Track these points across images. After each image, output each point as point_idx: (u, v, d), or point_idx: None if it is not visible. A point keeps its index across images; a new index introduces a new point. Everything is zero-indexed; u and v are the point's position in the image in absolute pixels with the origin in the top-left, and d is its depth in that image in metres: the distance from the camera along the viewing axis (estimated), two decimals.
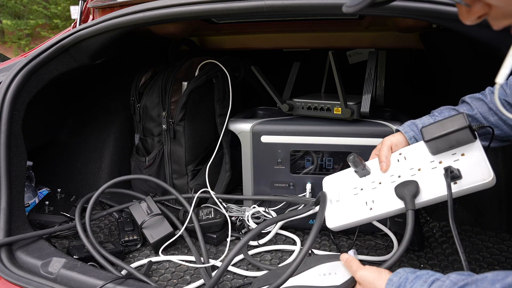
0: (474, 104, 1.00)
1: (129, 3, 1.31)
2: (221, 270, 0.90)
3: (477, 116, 0.99)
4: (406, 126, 1.06)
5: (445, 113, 1.03)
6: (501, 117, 0.96)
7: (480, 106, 0.99)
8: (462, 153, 0.92)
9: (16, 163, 1.15)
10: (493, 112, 0.97)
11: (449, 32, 1.13)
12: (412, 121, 1.07)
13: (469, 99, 1.02)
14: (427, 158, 0.97)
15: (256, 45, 1.87)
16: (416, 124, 1.05)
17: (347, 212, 1.00)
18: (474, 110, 1.00)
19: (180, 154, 1.51)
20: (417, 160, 0.98)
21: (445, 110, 1.04)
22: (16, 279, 0.95)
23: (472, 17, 0.64)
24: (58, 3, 13.31)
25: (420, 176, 0.94)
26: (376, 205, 0.97)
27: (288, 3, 1.01)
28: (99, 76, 1.64)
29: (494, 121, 0.97)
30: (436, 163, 0.95)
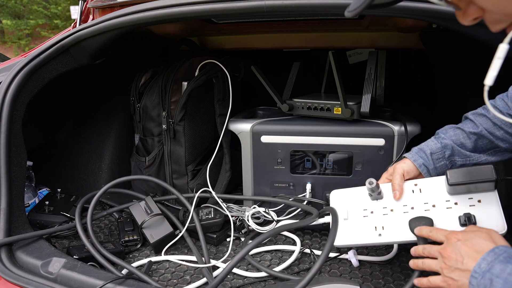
0: (478, 120, 1.01)
1: (129, 3, 1.31)
2: (226, 271, 0.91)
3: (483, 132, 1.00)
4: (415, 153, 1.06)
5: (450, 133, 1.04)
6: (507, 131, 0.97)
7: (484, 122, 1.00)
8: (478, 200, 0.94)
9: (16, 163, 1.15)
10: (498, 127, 0.98)
11: (449, 32, 1.13)
12: (419, 147, 1.07)
13: (472, 115, 1.03)
14: (443, 197, 0.98)
15: (256, 45, 1.87)
16: (423, 150, 1.05)
17: (354, 232, 1.01)
18: (479, 127, 1.00)
19: (180, 154, 1.51)
20: (433, 196, 0.99)
21: (450, 130, 1.05)
22: (16, 279, 0.95)
23: (468, 19, 0.65)
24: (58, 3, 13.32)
25: (434, 213, 0.96)
26: (386, 232, 0.98)
27: (288, 3, 1.01)
28: (99, 76, 1.64)
29: (501, 135, 0.98)
30: (452, 203, 0.96)
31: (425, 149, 1.04)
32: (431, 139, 1.07)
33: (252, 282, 1.11)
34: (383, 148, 1.27)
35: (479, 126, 1.00)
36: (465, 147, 1.03)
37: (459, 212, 0.94)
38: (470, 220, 0.91)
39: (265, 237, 0.98)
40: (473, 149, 1.02)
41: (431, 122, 1.57)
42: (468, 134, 1.02)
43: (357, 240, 1.00)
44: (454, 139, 1.03)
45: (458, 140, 1.03)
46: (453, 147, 1.03)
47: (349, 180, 1.32)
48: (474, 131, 1.01)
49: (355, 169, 1.30)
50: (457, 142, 1.03)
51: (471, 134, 1.01)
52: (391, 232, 0.98)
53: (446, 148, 1.03)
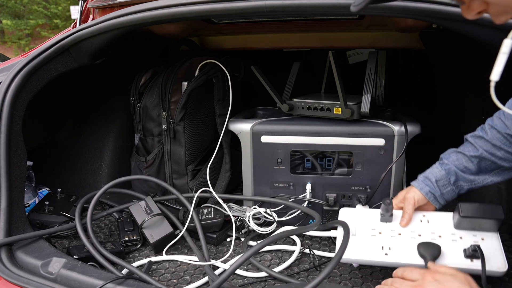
0: (477, 143, 1.03)
1: (129, 3, 1.31)
2: (230, 271, 0.92)
3: (484, 155, 1.01)
4: (421, 181, 1.09)
5: (452, 157, 1.07)
6: (507, 150, 0.98)
7: (483, 144, 1.02)
8: (482, 237, 1.00)
9: (16, 163, 1.15)
10: (498, 147, 0.99)
11: (449, 32, 1.13)
12: (425, 175, 1.09)
13: (471, 138, 1.05)
14: (449, 230, 1.04)
15: (256, 45, 1.87)
16: (429, 178, 1.08)
17: (361, 248, 1.03)
18: (479, 149, 1.02)
19: (180, 154, 1.51)
20: (439, 228, 1.04)
21: (452, 154, 1.07)
22: (16, 279, 0.95)
23: (472, 13, 0.67)
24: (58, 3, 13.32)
25: (440, 242, 1.00)
26: (393, 253, 1.01)
27: (288, 3, 1.01)
28: (99, 76, 1.64)
29: (502, 155, 0.99)
30: (457, 236, 1.02)
31: (430, 177, 1.07)
32: (435, 165, 1.09)
33: (252, 282, 1.11)
34: (383, 148, 1.27)
35: (479, 149, 1.02)
36: (469, 170, 1.05)
37: (464, 245, 0.99)
38: (476, 253, 0.94)
39: (272, 241, 0.98)
40: (478, 171, 1.04)
41: (431, 122, 1.57)
42: (470, 158, 1.04)
43: (363, 256, 1.03)
44: (457, 163, 1.05)
45: (461, 165, 1.05)
46: (456, 173, 1.05)
47: (349, 180, 1.32)
48: (475, 154, 1.03)
49: (355, 169, 1.30)
50: (460, 167, 1.05)
51: (472, 158, 1.04)
52: (398, 253, 1.01)
53: (450, 174, 1.06)
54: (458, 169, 1.05)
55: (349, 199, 1.33)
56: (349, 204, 1.33)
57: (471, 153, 1.03)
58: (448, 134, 1.67)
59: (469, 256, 0.96)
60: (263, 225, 1.33)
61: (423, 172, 1.11)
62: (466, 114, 1.47)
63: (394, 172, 1.28)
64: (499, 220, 0.98)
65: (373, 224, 1.09)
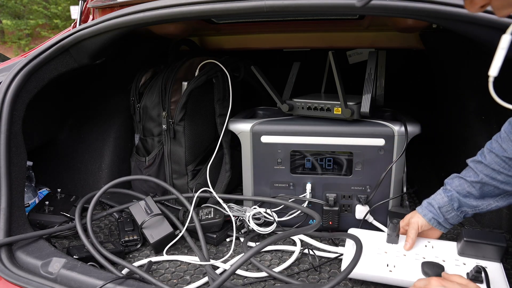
0: (477, 168, 1.03)
1: (129, 3, 1.31)
2: (231, 271, 0.93)
3: (484, 180, 1.02)
4: (424, 208, 1.11)
5: (455, 183, 1.07)
6: (508, 174, 0.98)
7: (483, 169, 1.02)
8: (485, 266, 1.01)
9: (16, 163, 1.15)
10: (497, 172, 0.99)
11: (449, 32, 1.13)
12: (428, 201, 1.11)
13: (472, 163, 1.06)
14: (453, 256, 1.08)
15: (256, 45, 1.87)
16: (432, 204, 1.10)
17: (366, 264, 1.06)
18: (479, 175, 1.02)
19: (180, 154, 1.51)
20: (444, 253, 1.09)
21: (455, 180, 1.08)
22: (16, 279, 0.95)
23: (475, 7, 0.67)
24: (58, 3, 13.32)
25: (444, 265, 1.02)
26: (397, 270, 1.04)
27: (288, 3, 1.01)
28: (99, 76, 1.64)
29: (502, 178, 0.99)
30: (460, 262, 1.05)
31: (433, 203, 1.09)
32: (439, 191, 1.10)
33: (252, 282, 1.11)
34: (383, 148, 1.27)
35: (479, 174, 1.02)
36: (473, 195, 1.05)
37: (467, 270, 1.01)
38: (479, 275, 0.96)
39: (272, 241, 0.98)
40: (481, 196, 1.05)
41: (431, 122, 1.57)
42: (471, 183, 1.04)
43: (367, 271, 1.05)
44: (460, 189, 1.06)
45: (463, 190, 1.06)
46: (459, 200, 1.06)
47: (349, 180, 1.32)
48: (475, 180, 1.03)
49: (355, 169, 1.30)
50: (463, 192, 1.06)
51: (474, 183, 1.04)
52: (402, 271, 1.03)
53: (453, 201, 1.07)
54: (460, 195, 1.06)
55: (349, 199, 1.33)
56: (349, 204, 1.33)
57: (472, 178, 1.04)
58: (448, 134, 1.67)
59: (472, 279, 0.97)
60: (263, 225, 1.33)
61: (428, 198, 1.13)
62: (466, 114, 1.47)
63: (394, 172, 1.28)
64: (502, 248, 1.02)
65: (379, 244, 1.13)
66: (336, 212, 1.31)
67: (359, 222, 1.31)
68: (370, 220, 1.31)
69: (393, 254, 1.10)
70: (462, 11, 0.96)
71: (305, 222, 1.36)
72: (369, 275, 1.05)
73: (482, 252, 1.05)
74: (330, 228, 1.34)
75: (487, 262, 1.04)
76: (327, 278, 1.13)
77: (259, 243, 0.97)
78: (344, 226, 1.33)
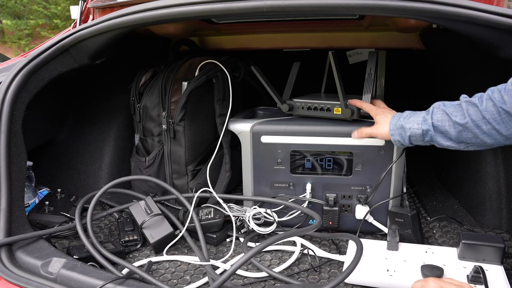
0: (468, 110, 0.97)
1: (129, 3, 1.31)
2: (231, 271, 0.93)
3: (468, 125, 0.96)
4: (395, 128, 1.11)
5: (437, 116, 1.02)
6: (494, 126, 0.93)
7: (474, 113, 0.96)
8: (486, 269, 1.01)
9: (16, 163, 1.15)
10: (486, 121, 0.94)
11: (449, 32, 1.13)
12: (402, 124, 1.09)
13: (465, 103, 0.99)
14: (453, 260, 1.09)
15: (256, 45, 1.87)
16: (405, 129, 1.08)
17: (366, 271, 1.07)
18: (466, 118, 0.97)
19: (180, 154, 1.51)
20: (444, 258, 1.10)
21: (439, 113, 1.03)
22: (16, 279, 0.95)
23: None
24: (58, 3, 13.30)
25: (444, 269, 1.03)
26: (397, 275, 1.05)
27: (288, 3, 1.01)
28: (99, 76, 1.64)
29: (487, 130, 0.95)
30: (460, 266, 1.06)
31: (406, 129, 1.07)
32: (417, 118, 1.06)
33: (252, 282, 1.11)
34: (383, 148, 1.27)
35: (466, 117, 0.96)
36: (448, 136, 1.01)
37: (467, 273, 1.02)
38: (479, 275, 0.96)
39: (272, 242, 0.98)
40: (456, 138, 1.00)
41: None
42: (454, 124, 0.99)
43: (368, 277, 1.06)
44: (440, 124, 1.01)
45: (442, 127, 1.01)
46: (432, 136, 1.03)
47: (349, 180, 1.32)
48: (460, 122, 0.97)
49: (355, 169, 1.30)
50: (442, 129, 1.01)
51: (456, 124, 0.98)
52: (403, 275, 1.04)
53: (426, 135, 1.04)
54: (436, 131, 1.02)
55: (349, 199, 1.33)
56: (349, 204, 1.33)
57: (457, 119, 0.97)
58: None
59: (472, 280, 0.98)
60: (263, 225, 1.33)
61: (406, 113, 1.11)
62: None
63: (394, 172, 1.28)
64: (500, 248, 1.02)
65: (380, 252, 1.15)
66: (336, 212, 1.31)
67: (359, 222, 1.30)
68: (370, 220, 1.31)
69: (394, 260, 1.11)
70: (462, 11, 0.96)
71: (305, 222, 1.36)
72: (370, 281, 1.06)
73: (482, 255, 1.05)
74: (330, 228, 1.34)
75: (487, 265, 1.04)
76: (327, 278, 1.13)
77: (259, 244, 0.97)
78: (344, 226, 1.33)
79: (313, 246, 1.25)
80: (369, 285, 1.07)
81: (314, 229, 1.12)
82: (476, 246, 1.05)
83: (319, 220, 1.19)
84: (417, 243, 1.21)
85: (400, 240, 1.17)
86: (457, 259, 1.09)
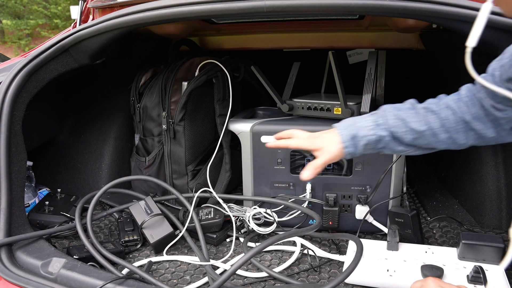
0: (428, 118, 0.90)
1: (129, 3, 1.31)
2: (231, 271, 0.93)
3: (426, 133, 0.90)
4: (348, 140, 0.95)
5: (390, 121, 0.92)
6: (451, 136, 0.90)
7: (433, 121, 0.90)
8: (486, 269, 1.02)
9: (16, 163, 1.15)
10: (445, 129, 0.89)
11: (449, 32, 1.13)
12: (353, 134, 0.94)
13: (424, 110, 0.92)
14: (453, 260, 1.09)
15: (256, 45, 1.87)
16: (358, 139, 0.94)
17: (366, 271, 1.07)
18: (424, 126, 0.89)
19: (180, 154, 1.51)
20: (444, 258, 1.10)
21: (391, 118, 0.93)
22: (16, 279, 0.95)
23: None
24: (58, 3, 13.30)
25: (444, 269, 1.03)
26: (397, 274, 1.05)
27: (288, 3, 1.01)
28: (99, 76, 1.64)
29: (444, 138, 0.90)
30: (460, 266, 1.06)
31: (359, 137, 0.93)
32: (369, 124, 0.93)
33: (252, 282, 1.11)
34: None
35: (425, 125, 0.90)
36: (402, 140, 0.92)
37: (467, 273, 1.02)
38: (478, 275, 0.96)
39: (272, 242, 0.98)
40: (410, 144, 0.93)
41: None
42: (410, 130, 0.91)
43: (368, 277, 1.06)
44: (394, 130, 0.92)
45: (396, 133, 0.91)
46: (386, 143, 0.93)
47: (349, 180, 1.32)
48: (418, 129, 0.90)
49: (355, 169, 1.30)
50: (395, 135, 0.92)
51: (413, 131, 0.91)
52: (403, 275, 1.04)
53: (380, 142, 0.93)
54: (390, 138, 0.92)
55: (349, 199, 1.33)
56: (349, 204, 1.33)
57: (415, 126, 0.90)
58: None
59: (472, 280, 0.98)
60: (263, 225, 1.33)
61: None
62: None
63: (394, 172, 1.28)
64: (500, 249, 1.03)
65: (379, 252, 1.15)
66: (336, 212, 1.31)
67: (359, 222, 1.30)
68: (370, 220, 1.31)
69: (394, 260, 1.11)
70: (462, 11, 0.96)
71: (305, 222, 1.36)
72: (370, 281, 1.06)
73: (481, 255, 1.05)
74: (330, 228, 1.34)
75: (487, 265, 1.04)
76: (327, 278, 1.13)
77: (260, 244, 0.97)
78: (344, 226, 1.33)
79: (313, 246, 1.25)
80: (369, 285, 1.07)
81: (314, 229, 1.12)
82: (476, 246, 1.05)
83: (319, 220, 1.19)
84: (417, 243, 1.21)
85: (400, 240, 1.17)
86: (457, 259, 1.09)
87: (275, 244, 1.27)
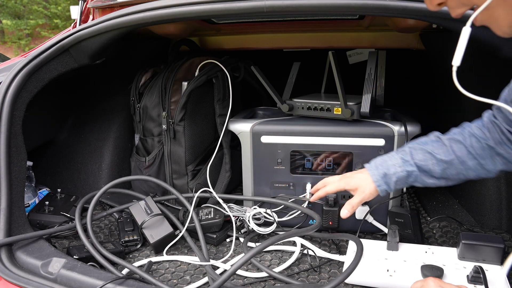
0: (453, 147, 0.96)
1: (129, 3, 1.31)
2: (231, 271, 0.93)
3: (454, 162, 0.95)
4: (380, 178, 1.01)
5: (419, 156, 0.98)
6: (480, 162, 0.94)
7: (459, 149, 0.96)
8: (486, 269, 1.01)
9: (16, 163, 1.15)
10: (473, 156, 0.94)
11: (449, 32, 1.13)
12: (385, 171, 1.01)
13: (448, 141, 0.98)
14: (453, 260, 1.09)
15: (256, 45, 1.87)
16: (389, 176, 1.00)
17: (366, 271, 1.07)
18: (451, 155, 0.95)
19: (180, 154, 1.51)
20: (444, 258, 1.10)
21: (420, 153, 0.99)
22: (16, 279, 0.95)
23: (434, 4, 0.73)
24: (58, 3, 13.30)
25: (444, 269, 1.03)
26: (397, 275, 1.05)
27: (288, 3, 1.01)
28: (99, 76, 1.64)
29: (472, 165, 0.95)
30: (460, 266, 1.06)
31: (390, 175, 1.00)
32: (398, 161, 1.00)
33: (252, 282, 1.11)
34: (383, 148, 1.27)
35: (452, 155, 0.95)
36: (432, 173, 0.98)
37: (467, 273, 1.02)
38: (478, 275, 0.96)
39: (272, 242, 0.98)
40: (440, 176, 0.98)
41: (431, 122, 1.57)
42: (439, 161, 0.96)
43: (368, 277, 1.06)
44: (423, 164, 0.98)
45: (426, 166, 0.97)
46: (417, 177, 0.99)
47: None
48: (445, 159, 0.96)
49: (355, 169, 1.30)
50: (425, 168, 0.98)
51: (441, 162, 0.96)
52: (402, 275, 1.04)
53: (410, 177, 0.99)
54: (420, 172, 0.98)
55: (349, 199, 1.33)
56: None
57: (442, 157, 0.95)
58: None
59: (472, 280, 0.98)
60: (263, 225, 1.33)
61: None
62: (466, 114, 1.47)
63: None
64: (500, 249, 1.02)
65: (380, 252, 1.15)
66: (336, 213, 1.31)
67: (359, 222, 1.30)
68: (370, 220, 1.31)
69: (394, 260, 1.11)
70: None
71: (305, 222, 1.36)
72: (370, 281, 1.06)
73: (482, 255, 1.05)
74: (330, 228, 1.34)
75: (487, 265, 1.04)
76: (327, 278, 1.13)
77: (260, 244, 0.97)
78: (344, 226, 1.33)
79: (313, 246, 1.25)
80: (369, 285, 1.07)
81: (314, 229, 1.12)
82: (476, 246, 1.05)
83: (319, 220, 1.19)
84: (417, 243, 1.21)
85: (400, 240, 1.17)
86: (457, 259, 1.09)
87: (275, 244, 1.28)
